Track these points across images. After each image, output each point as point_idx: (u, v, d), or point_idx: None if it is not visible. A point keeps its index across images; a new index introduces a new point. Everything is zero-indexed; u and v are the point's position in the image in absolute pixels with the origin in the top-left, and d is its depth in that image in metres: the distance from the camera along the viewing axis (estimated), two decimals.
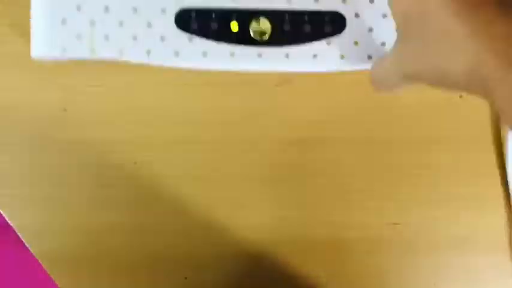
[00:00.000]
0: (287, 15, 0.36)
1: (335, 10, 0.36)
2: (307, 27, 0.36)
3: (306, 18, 0.36)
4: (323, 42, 0.36)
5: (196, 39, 0.36)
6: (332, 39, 0.36)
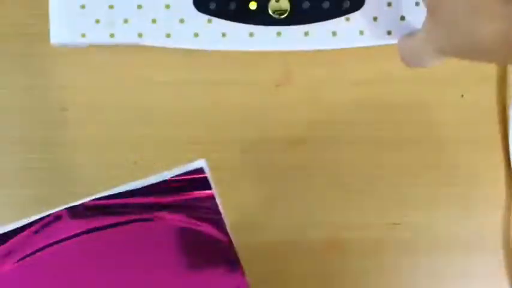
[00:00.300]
0: None
1: None
2: (326, 3, 0.36)
3: None
4: (342, 19, 0.36)
5: (215, 20, 0.36)
6: (351, 15, 0.36)
